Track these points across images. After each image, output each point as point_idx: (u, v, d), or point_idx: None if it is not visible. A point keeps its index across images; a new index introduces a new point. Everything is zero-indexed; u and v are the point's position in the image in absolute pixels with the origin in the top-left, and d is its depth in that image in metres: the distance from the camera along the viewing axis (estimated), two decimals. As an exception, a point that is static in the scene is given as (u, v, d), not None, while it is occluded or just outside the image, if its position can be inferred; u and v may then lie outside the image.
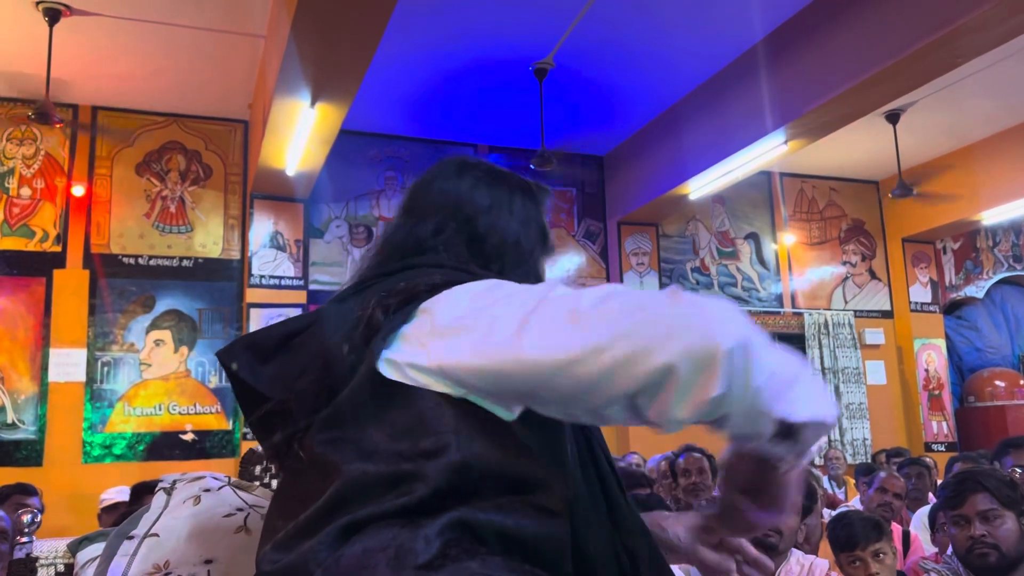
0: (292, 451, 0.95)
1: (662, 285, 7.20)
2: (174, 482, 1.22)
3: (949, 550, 3.04)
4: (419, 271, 1.01)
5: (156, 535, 1.13)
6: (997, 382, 7.92)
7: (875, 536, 2.60)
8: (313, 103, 4.65)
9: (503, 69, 5.65)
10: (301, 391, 0.96)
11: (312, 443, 0.91)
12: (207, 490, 1.19)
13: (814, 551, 3.35)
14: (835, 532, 2.68)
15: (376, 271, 1.08)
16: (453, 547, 0.79)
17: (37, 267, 5.73)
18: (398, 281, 0.99)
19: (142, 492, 3.51)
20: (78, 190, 5.88)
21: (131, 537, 1.14)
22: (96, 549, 1.28)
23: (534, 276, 1.11)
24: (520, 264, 1.11)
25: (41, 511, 3.81)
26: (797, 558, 2.69)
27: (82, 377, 5.68)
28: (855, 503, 4.99)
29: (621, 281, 7.03)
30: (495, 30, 5.14)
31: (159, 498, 1.19)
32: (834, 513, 3.17)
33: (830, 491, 5.85)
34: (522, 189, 1.18)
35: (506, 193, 1.15)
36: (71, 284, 5.77)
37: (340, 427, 0.90)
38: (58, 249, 5.80)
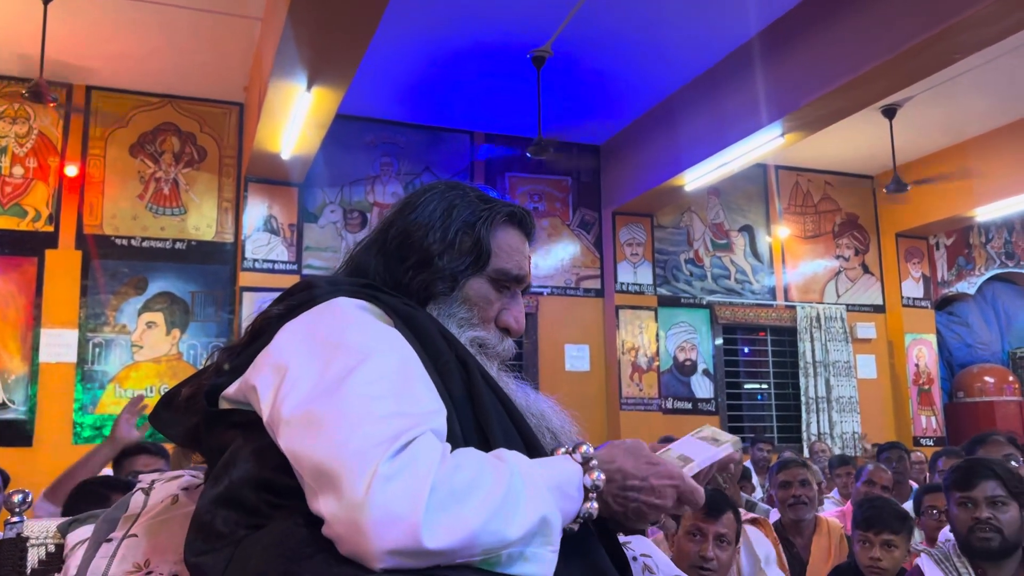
0: None
1: (656, 276, 7.22)
2: (152, 482, 1.22)
3: (941, 536, 3.08)
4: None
5: (135, 535, 1.14)
6: (986, 378, 7.97)
7: (893, 526, 2.66)
8: (309, 87, 4.63)
9: (501, 56, 5.63)
10: None
11: None
12: (185, 488, 1.20)
13: (807, 544, 3.39)
14: (860, 511, 2.80)
15: None
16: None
17: (29, 247, 5.70)
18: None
19: (121, 457, 3.46)
20: (71, 170, 5.85)
21: (110, 540, 1.14)
22: (86, 531, 1.28)
23: (444, 280, 1.15)
24: (424, 266, 1.15)
25: None
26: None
27: (73, 358, 5.66)
28: (834, 494, 5.04)
29: (615, 271, 7.04)
30: (494, 17, 5.12)
31: (137, 498, 1.19)
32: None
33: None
34: (474, 203, 1.20)
35: (441, 203, 1.19)
36: (63, 264, 5.75)
37: None
38: (50, 229, 5.77)
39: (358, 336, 0.96)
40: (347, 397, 0.87)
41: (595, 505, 0.95)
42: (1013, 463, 3.49)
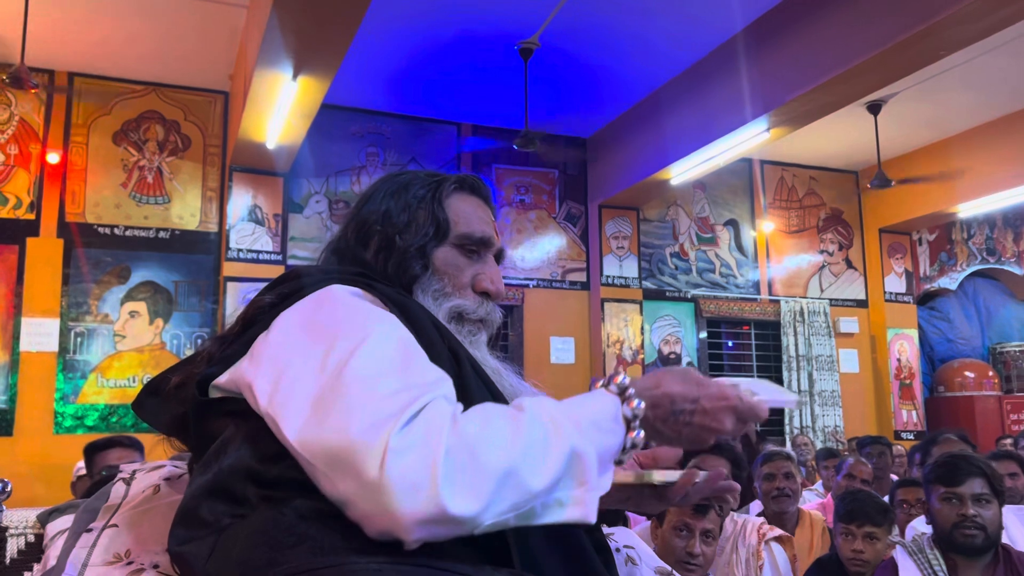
0: None
1: (641, 269, 7.23)
2: (134, 472, 1.21)
3: (908, 530, 3.10)
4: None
5: (115, 526, 1.13)
6: (967, 373, 8.05)
7: (875, 519, 2.69)
8: (295, 76, 4.59)
9: (488, 47, 5.61)
10: None
11: None
12: (167, 479, 1.19)
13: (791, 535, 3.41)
14: (842, 504, 2.81)
15: None
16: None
17: (10, 235, 5.64)
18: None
19: (92, 452, 3.42)
20: (53, 157, 5.79)
21: (90, 530, 1.13)
22: (66, 521, 1.27)
23: (414, 258, 1.17)
24: (388, 249, 1.17)
25: None
26: (731, 517, 2.78)
27: (55, 347, 5.61)
28: (818, 487, 5.09)
29: (601, 264, 7.05)
30: (481, 8, 5.11)
31: (118, 488, 1.18)
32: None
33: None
34: (423, 179, 1.23)
35: (391, 186, 1.23)
36: (45, 253, 5.69)
37: None
38: (32, 217, 5.71)
39: (356, 320, 0.95)
40: (351, 380, 0.86)
41: (641, 434, 0.94)
42: None
